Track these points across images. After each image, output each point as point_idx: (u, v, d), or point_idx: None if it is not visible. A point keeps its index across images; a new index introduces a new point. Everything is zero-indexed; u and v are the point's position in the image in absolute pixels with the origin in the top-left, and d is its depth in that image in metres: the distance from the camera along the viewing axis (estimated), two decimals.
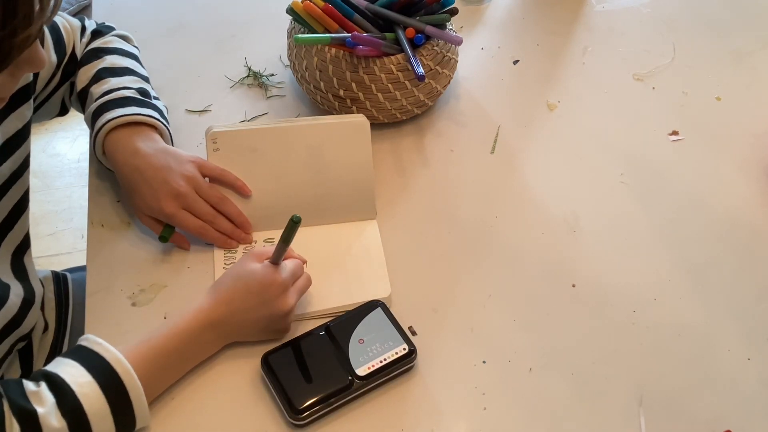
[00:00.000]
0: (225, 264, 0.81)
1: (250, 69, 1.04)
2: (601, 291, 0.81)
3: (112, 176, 0.89)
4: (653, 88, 1.05)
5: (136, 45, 0.96)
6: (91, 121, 0.83)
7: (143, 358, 0.66)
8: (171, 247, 0.83)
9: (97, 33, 0.91)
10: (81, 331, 0.76)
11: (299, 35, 0.84)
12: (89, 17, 0.98)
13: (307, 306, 0.77)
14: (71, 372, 0.63)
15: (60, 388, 0.62)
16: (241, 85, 1.02)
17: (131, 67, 0.89)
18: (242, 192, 0.83)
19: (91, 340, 0.66)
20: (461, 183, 0.91)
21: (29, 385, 0.62)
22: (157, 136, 0.83)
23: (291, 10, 0.91)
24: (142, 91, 0.86)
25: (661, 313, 0.80)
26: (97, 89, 0.84)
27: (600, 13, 1.17)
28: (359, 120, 0.85)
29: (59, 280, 0.97)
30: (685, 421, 0.72)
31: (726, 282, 0.83)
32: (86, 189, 0.90)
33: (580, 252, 0.85)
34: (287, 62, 1.01)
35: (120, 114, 0.81)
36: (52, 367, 0.64)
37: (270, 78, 1.03)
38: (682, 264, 0.84)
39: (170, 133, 0.86)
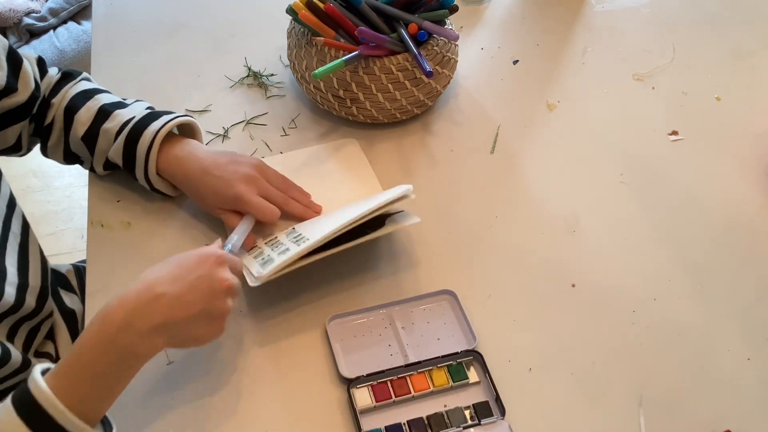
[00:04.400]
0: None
1: (250, 69, 1.04)
2: (601, 291, 0.81)
3: (112, 176, 0.89)
4: (653, 88, 1.05)
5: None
6: (125, 147, 0.82)
7: (59, 380, 0.59)
8: (171, 248, 0.83)
9: (68, 75, 0.88)
10: None
11: (316, 71, 0.84)
12: (89, 17, 0.98)
13: (336, 224, 0.74)
14: (3, 419, 0.58)
15: None
16: (241, 85, 1.02)
17: (123, 100, 0.87)
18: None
19: (38, 385, 0.59)
20: (461, 183, 0.91)
21: None
22: (200, 144, 0.85)
23: (291, 10, 0.91)
24: (153, 108, 0.87)
25: (661, 313, 0.80)
26: (112, 123, 0.83)
27: (600, 13, 1.17)
28: (348, 140, 0.92)
29: (81, 273, 0.97)
30: (685, 421, 0.72)
31: (726, 282, 0.83)
32: (86, 189, 0.90)
33: (580, 252, 0.85)
34: (287, 62, 1.01)
35: (162, 124, 0.81)
36: None
37: (270, 78, 1.03)
38: (682, 264, 0.84)
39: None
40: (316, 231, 0.76)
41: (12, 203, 0.81)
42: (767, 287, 0.82)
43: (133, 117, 0.83)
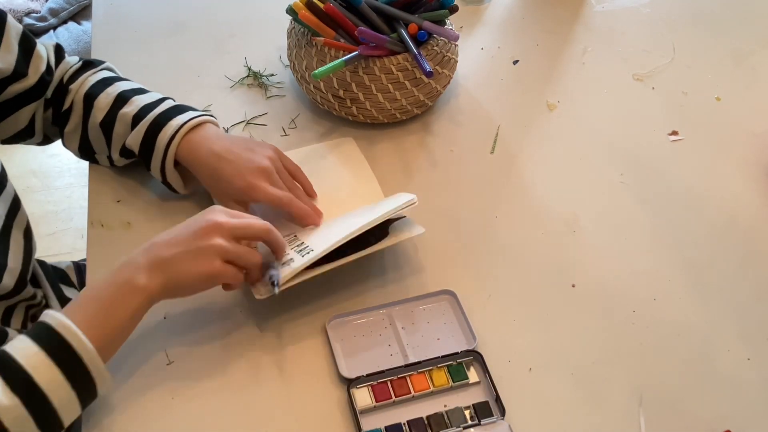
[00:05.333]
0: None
1: (250, 69, 1.04)
2: (601, 291, 0.81)
3: (112, 176, 0.89)
4: (653, 88, 1.05)
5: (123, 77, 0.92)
6: (145, 139, 0.81)
7: (89, 316, 0.64)
8: None
9: (89, 64, 0.88)
10: None
11: (316, 71, 0.84)
12: (89, 17, 0.98)
13: (341, 234, 0.74)
14: (18, 346, 0.61)
15: (7, 365, 0.60)
16: (241, 85, 1.02)
17: (144, 87, 0.87)
18: (309, 192, 0.85)
19: (48, 314, 0.64)
20: (461, 183, 0.92)
21: None
22: (219, 129, 0.85)
23: (291, 10, 0.91)
24: (175, 101, 0.86)
25: (661, 313, 0.80)
26: (129, 108, 0.82)
27: (600, 13, 1.17)
28: (345, 140, 0.91)
29: (80, 270, 0.97)
30: (685, 421, 0.72)
31: (726, 282, 0.83)
32: (86, 189, 0.90)
33: (580, 252, 0.85)
34: (287, 62, 1.01)
35: (188, 117, 0.81)
36: (5, 346, 0.62)
37: (270, 78, 1.03)
38: (682, 264, 0.84)
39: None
40: (319, 241, 0.76)
41: (1, 185, 0.80)
42: (767, 287, 0.82)
43: (155, 105, 0.83)
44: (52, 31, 1.86)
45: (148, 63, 1.05)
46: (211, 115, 0.85)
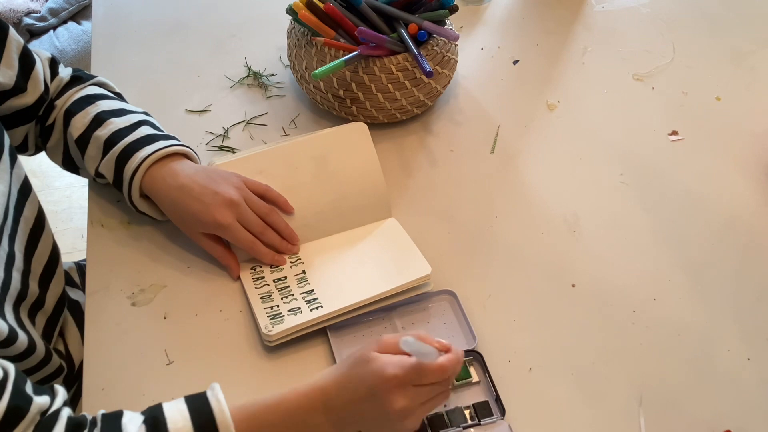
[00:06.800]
0: (255, 286, 0.79)
1: (250, 69, 1.04)
2: (601, 291, 0.81)
3: None
4: (653, 88, 1.05)
5: (117, 90, 0.90)
6: (116, 169, 0.80)
7: (246, 419, 0.63)
8: (171, 247, 0.83)
9: (77, 79, 0.87)
10: None
11: (316, 71, 0.84)
12: (89, 17, 0.98)
13: (351, 298, 0.75)
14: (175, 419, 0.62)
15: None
16: (241, 85, 1.02)
17: (126, 107, 0.85)
18: (285, 209, 0.82)
19: (215, 390, 0.64)
20: (461, 183, 0.92)
21: (129, 427, 0.61)
22: (190, 161, 0.82)
23: (291, 10, 0.91)
24: (154, 125, 0.84)
25: (661, 313, 0.80)
26: (103, 131, 0.80)
27: (600, 13, 1.17)
28: (357, 124, 0.86)
29: (84, 270, 0.97)
30: (685, 421, 0.72)
31: (726, 282, 0.83)
32: (86, 189, 0.90)
33: (580, 252, 0.85)
34: (287, 62, 1.01)
35: (154, 149, 0.78)
36: (168, 407, 0.63)
37: (270, 78, 1.03)
38: (682, 264, 0.84)
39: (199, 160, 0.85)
40: (328, 289, 0.77)
41: (26, 189, 0.79)
42: (767, 287, 0.82)
43: (128, 132, 0.80)
44: (52, 31, 1.86)
45: (148, 63, 1.05)
46: (183, 145, 0.82)
